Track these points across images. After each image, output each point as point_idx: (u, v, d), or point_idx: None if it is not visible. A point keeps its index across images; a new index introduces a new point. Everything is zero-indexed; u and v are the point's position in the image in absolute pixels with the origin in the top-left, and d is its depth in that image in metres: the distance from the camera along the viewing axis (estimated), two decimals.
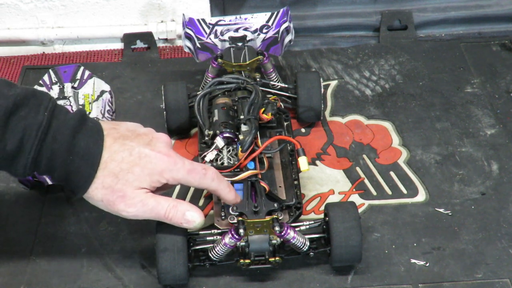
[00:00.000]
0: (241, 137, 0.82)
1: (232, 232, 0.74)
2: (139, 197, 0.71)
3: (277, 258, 0.77)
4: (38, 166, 0.70)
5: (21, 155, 0.69)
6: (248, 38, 0.99)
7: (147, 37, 1.17)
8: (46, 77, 1.02)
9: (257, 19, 1.02)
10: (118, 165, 0.71)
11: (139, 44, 1.17)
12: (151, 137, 0.73)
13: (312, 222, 0.79)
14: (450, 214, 0.86)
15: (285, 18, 1.01)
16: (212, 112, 0.87)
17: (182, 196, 0.90)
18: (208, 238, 0.77)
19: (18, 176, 0.71)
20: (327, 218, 0.77)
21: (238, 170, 0.79)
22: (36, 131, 0.68)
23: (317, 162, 0.94)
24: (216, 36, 1.00)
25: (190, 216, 0.73)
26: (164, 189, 0.75)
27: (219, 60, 0.96)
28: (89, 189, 0.71)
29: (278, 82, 0.99)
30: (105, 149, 0.71)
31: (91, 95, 0.99)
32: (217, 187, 0.75)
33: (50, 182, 0.88)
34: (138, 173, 0.71)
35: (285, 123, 0.92)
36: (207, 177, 0.74)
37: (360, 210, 0.87)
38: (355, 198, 0.89)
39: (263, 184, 0.79)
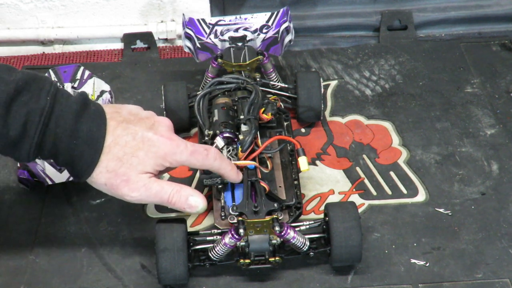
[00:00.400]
0: (241, 137, 0.82)
1: (232, 232, 0.74)
2: (143, 181, 0.71)
3: (277, 258, 0.77)
4: (42, 151, 0.70)
5: (24, 140, 0.69)
6: (248, 38, 0.99)
7: (147, 37, 1.17)
8: None
9: (257, 19, 1.02)
10: (121, 149, 0.71)
11: (139, 44, 1.17)
12: (153, 120, 0.74)
13: (312, 222, 0.79)
14: (450, 214, 0.86)
15: (285, 18, 1.01)
16: (212, 112, 0.87)
17: None
18: (208, 238, 0.77)
19: (22, 160, 0.71)
20: (327, 218, 0.77)
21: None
22: (39, 116, 0.68)
23: (317, 162, 0.94)
24: (216, 36, 1.00)
25: (193, 201, 0.73)
26: (167, 171, 0.76)
27: (219, 60, 0.96)
28: (93, 173, 0.71)
29: (278, 82, 0.99)
30: (108, 133, 0.71)
31: (91, 95, 0.99)
32: (219, 166, 0.75)
33: (50, 182, 0.88)
34: (142, 157, 0.71)
35: (285, 123, 0.92)
36: (209, 157, 0.74)
37: (360, 210, 0.87)
38: (355, 198, 0.89)
39: (263, 184, 0.79)
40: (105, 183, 0.72)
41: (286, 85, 0.98)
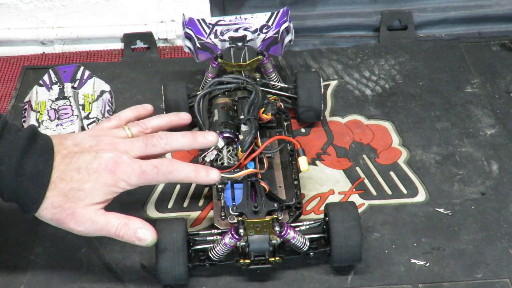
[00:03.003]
0: (241, 137, 0.82)
1: (232, 232, 0.74)
2: (89, 214, 0.71)
3: (277, 258, 0.77)
4: None
5: None
6: (248, 38, 0.99)
7: (147, 37, 1.17)
8: (46, 77, 1.02)
9: (257, 19, 1.02)
10: (67, 184, 0.70)
11: (139, 44, 1.17)
12: (97, 149, 0.72)
13: (312, 222, 0.79)
14: (450, 214, 0.86)
15: (285, 18, 1.01)
16: (212, 112, 0.87)
17: (182, 195, 0.90)
18: (208, 238, 0.77)
19: None
20: (327, 218, 0.77)
21: (238, 170, 0.79)
22: None
23: (317, 162, 0.94)
24: (216, 36, 1.00)
25: (142, 234, 0.72)
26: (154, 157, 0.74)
27: (219, 60, 0.96)
28: (39, 209, 0.70)
29: (278, 82, 0.99)
30: (54, 168, 0.70)
31: (91, 95, 0.99)
32: (177, 177, 0.73)
33: None
34: (89, 189, 0.70)
35: (285, 123, 0.92)
36: (161, 174, 0.72)
37: (360, 210, 0.87)
38: (355, 198, 0.89)
39: (263, 184, 0.79)
40: (51, 218, 0.71)
41: (286, 85, 0.98)
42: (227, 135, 0.82)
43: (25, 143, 0.69)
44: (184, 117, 0.81)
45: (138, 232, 0.72)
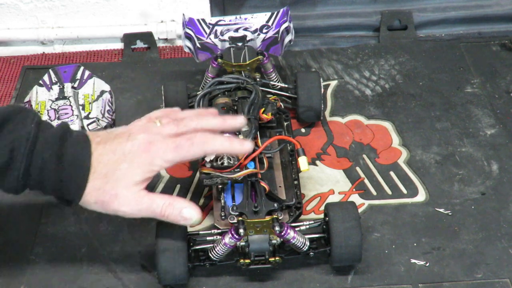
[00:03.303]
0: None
1: (232, 232, 0.74)
2: (132, 195, 0.71)
3: (277, 258, 0.77)
4: (30, 178, 0.70)
5: (12, 167, 0.69)
6: (248, 38, 0.99)
7: (147, 37, 1.17)
8: (46, 77, 1.02)
9: (257, 19, 1.02)
10: (105, 166, 0.71)
11: (139, 44, 1.17)
12: (129, 133, 0.73)
13: (312, 222, 0.79)
14: (450, 214, 0.86)
15: (285, 18, 1.01)
16: None
17: (182, 195, 0.89)
18: (208, 238, 0.77)
19: (11, 191, 0.71)
20: (327, 218, 0.77)
21: (238, 170, 0.79)
22: (26, 141, 0.69)
23: (317, 162, 0.94)
24: (216, 36, 1.00)
25: (187, 213, 0.72)
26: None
27: (219, 60, 0.96)
28: (83, 195, 0.71)
29: (278, 82, 0.99)
30: (92, 154, 0.71)
31: (91, 95, 0.99)
32: (212, 148, 0.72)
33: None
34: (126, 169, 0.70)
35: (285, 123, 0.92)
36: (195, 145, 0.71)
37: (360, 210, 0.87)
38: (355, 198, 0.89)
39: (263, 184, 0.79)
40: (95, 202, 0.71)
41: (286, 85, 0.98)
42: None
43: (62, 132, 0.71)
44: (211, 111, 0.80)
45: (183, 211, 0.72)
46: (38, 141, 0.70)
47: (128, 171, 0.71)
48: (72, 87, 1.00)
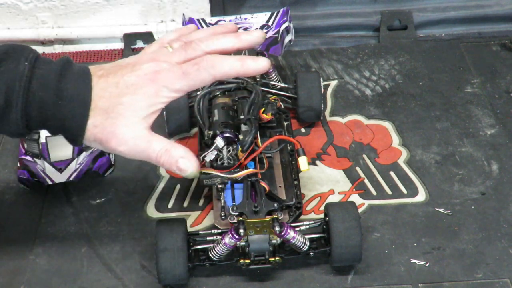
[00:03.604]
0: (241, 137, 0.82)
1: (232, 232, 0.74)
2: (131, 133, 0.66)
3: (277, 258, 0.77)
4: (30, 119, 0.66)
5: (10, 109, 0.65)
6: None
7: (147, 37, 1.17)
8: None
9: (257, 19, 1.02)
10: (107, 100, 0.65)
11: (139, 44, 1.17)
12: (135, 62, 0.68)
13: (312, 222, 0.79)
14: (450, 214, 0.86)
15: (285, 18, 1.01)
16: (212, 112, 0.87)
17: (182, 195, 0.90)
18: (208, 238, 0.78)
19: (15, 135, 0.67)
20: (327, 218, 0.77)
21: (238, 170, 0.79)
22: (19, 81, 0.64)
23: (317, 162, 0.94)
24: None
25: (183, 164, 0.67)
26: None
27: None
28: (85, 132, 0.66)
29: (278, 82, 0.99)
30: (92, 88, 0.66)
31: None
32: (222, 70, 0.67)
33: (50, 182, 0.88)
34: (128, 102, 0.65)
35: (285, 123, 0.92)
36: (203, 69, 0.66)
37: (360, 210, 0.87)
38: (355, 198, 0.89)
39: (263, 184, 0.79)
40: (94, 139, 0.66)
41: (286, 85, 0.98)
42: (227, 135, 0.82)
43: (60, 68, 0.66)
44: (229, 27, 0.74)
45: (179, 161, 0.67)
46: (33, 79, 0.65)
47: (130, 105, 0.65)
48: None
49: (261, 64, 0.67)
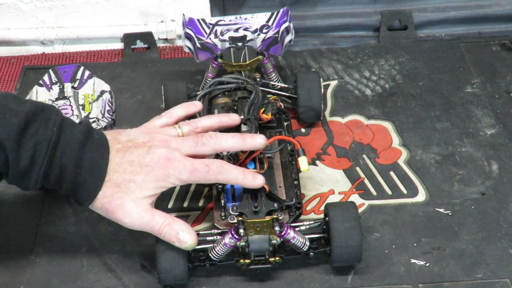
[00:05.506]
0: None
1: (232, 232, 0.74)
2: (137, 208, 0.73)
3: (277, 258, 0.77)
4: (48, 179, 0.72)
5: (32, 170, 0.71)
6: (248, 38, 0.99)
7: (147, 37, 1.17)
8: (46, 77, 1.02)
9: (257, 19, 1.02)
10: (120, 175, 0.72)
11: (139, 44, 1.17)
12: (150, 145, 0.75)
13: (312, 222, 0.79)
14: (450, 214, 0.86)
15: (285, 18, 1.01)
16: (212, 112, 0.87)
17: (182, 195, 0.90)
18: (208, 238, 0.77)
19: (28, 189, 0.73)
20: (327, 218, 0.77)
21: None
22: (47, 146, 0.70)
23: (317, 162, 0.94)
24: (216, 36, 1.00)
25: (183, 237, 0.73)
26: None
27: (219, 60, 0.96)
28: (94, 200, 0.73)
29: (278, 82, 0.99)
30: (109, 161, 0.73)
31: (91, 95, 0.99)
32: (226, 178, 0.75)
33: None
34: (140, 182, 0.73)
35: (285, 123, 0.92)
36: (211, 173, 0.74)
37: (360, 210, 0.87)
38: (355, 198, 0.89)
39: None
40: (100, 208, 0.73)
41: (286, 85, 0.98)
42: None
43: (83, 137, 0.72)
44: (234, 118, 0.82)
45: (180, 234, 0.73)
46: (58, 145, 0.71)
47: (141, 184, 0.73)
48: (72, 87, 1.00)
49: (258, 182, 0.76)
